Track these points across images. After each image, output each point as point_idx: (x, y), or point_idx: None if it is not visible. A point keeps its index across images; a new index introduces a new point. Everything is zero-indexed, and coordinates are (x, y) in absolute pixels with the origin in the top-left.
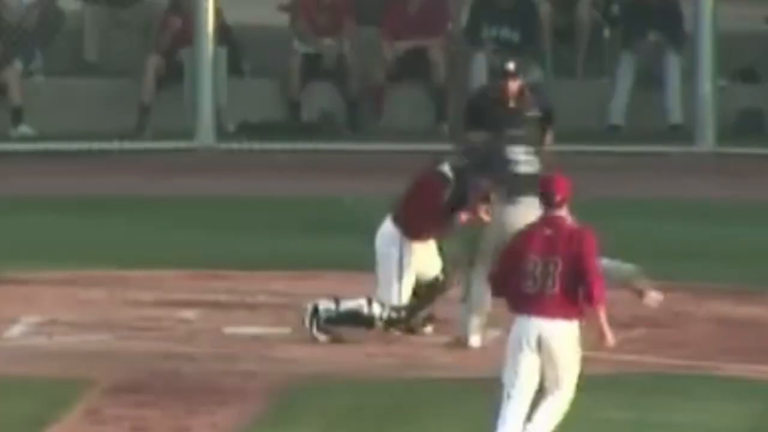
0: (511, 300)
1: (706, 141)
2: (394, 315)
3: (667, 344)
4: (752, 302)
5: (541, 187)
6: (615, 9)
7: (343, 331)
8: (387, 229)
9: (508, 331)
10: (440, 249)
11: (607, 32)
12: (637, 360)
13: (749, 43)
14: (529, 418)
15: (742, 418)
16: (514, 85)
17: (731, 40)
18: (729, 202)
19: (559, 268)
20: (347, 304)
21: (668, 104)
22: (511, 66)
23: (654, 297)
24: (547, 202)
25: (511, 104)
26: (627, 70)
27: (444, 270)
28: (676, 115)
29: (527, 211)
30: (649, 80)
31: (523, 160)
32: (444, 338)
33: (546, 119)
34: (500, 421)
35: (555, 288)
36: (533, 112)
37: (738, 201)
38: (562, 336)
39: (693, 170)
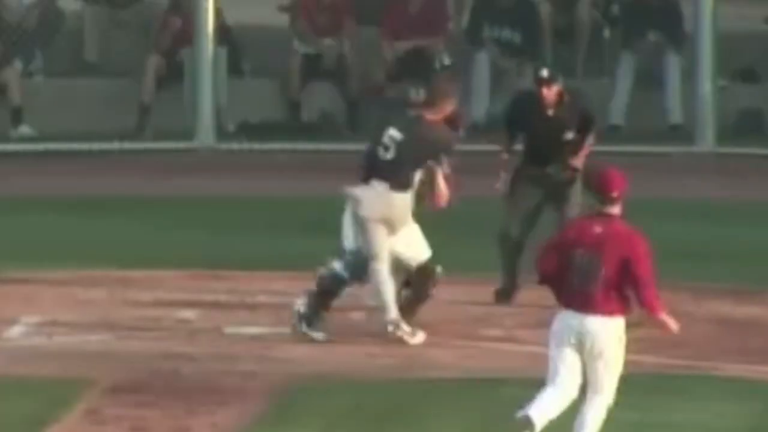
0: (556, 292)
1: (706, 141)
2: (351, 259)
3: (667, 344)
4: (752, 302)
5: (597, 181)
6: (615, 9)
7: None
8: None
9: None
10: None
11: (607, 32)
12: (637, 360)
13: (749, 43)
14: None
15: (742, 418)
16: (550, 93)
17: (731, 40)
18: (729, 202)
19: (604, 266)
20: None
21: (668, 104)
22: (545, 73)
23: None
24: (603, 198)
25: (550, 113)
26: (627, 70)
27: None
28: (676, 115)
29: (375, 197)
30: (649, 80)
31: (393, 147)
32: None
33: (585, 123)
34: (534, 401)
35: (599, 285)
36: (571, 122)
37: (738, 201)
38: (605, 332)
39: (693, 170)
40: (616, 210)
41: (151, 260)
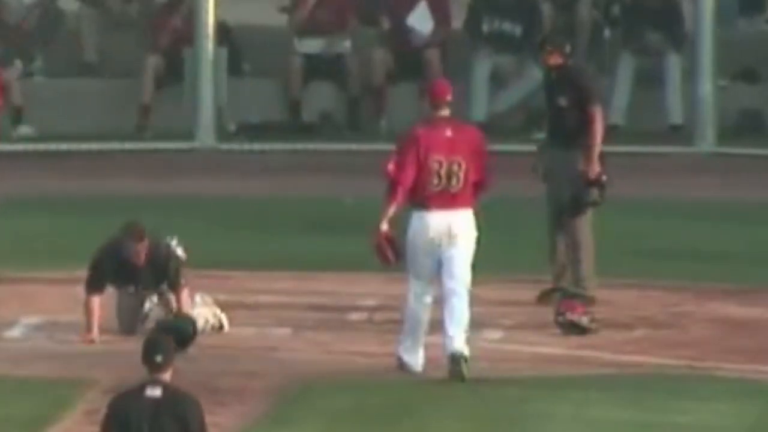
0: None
1: (706, 141)
2: None
3: (667, 344)
4: (752, 302)
5: (428, 88)
6: (615, 9)
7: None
8: None
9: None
10: None
11: (607, 32)
12: (637, 360)
13: (749, 43)
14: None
15: (742, 418)
16: (544, 56)
17: (731, 40)
18: (729, 202)
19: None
20: None
21: (668, 104)
22: (545, 37)
23: None
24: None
25: (553, 76)
26: (627, 70)
27: None
28: (676, 115)
29: None
30: (649, 80)
31: None
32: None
33: (582, 98)
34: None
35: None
36: (565, 88)
37: (738, 201)
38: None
39: (693, 170)
40: (447, 113)
41: None
